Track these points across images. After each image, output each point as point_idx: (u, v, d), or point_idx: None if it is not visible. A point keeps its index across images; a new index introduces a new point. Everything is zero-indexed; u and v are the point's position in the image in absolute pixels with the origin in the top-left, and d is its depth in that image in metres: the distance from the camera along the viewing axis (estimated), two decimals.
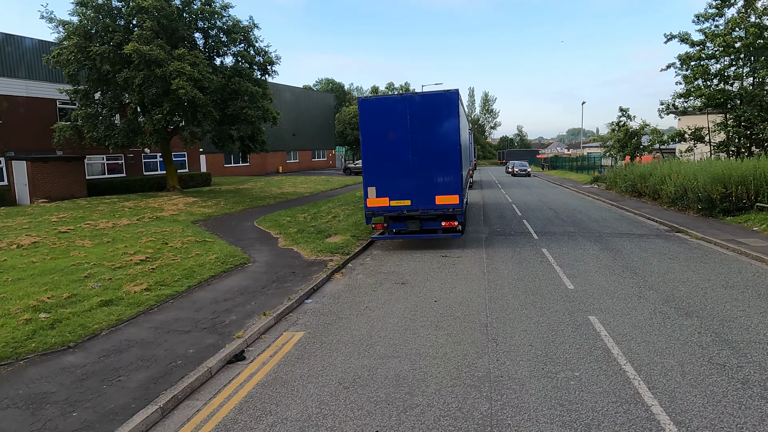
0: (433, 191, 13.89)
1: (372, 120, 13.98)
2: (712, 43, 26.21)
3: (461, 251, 14.07)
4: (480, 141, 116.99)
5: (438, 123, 13.67)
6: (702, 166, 21.34)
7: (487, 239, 15.82)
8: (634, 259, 12.50)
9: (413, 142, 13.81)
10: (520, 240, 15.49)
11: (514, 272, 11.38)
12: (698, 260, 12.26)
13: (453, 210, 13.87)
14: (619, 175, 30.75)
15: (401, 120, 13.79)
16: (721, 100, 24.97)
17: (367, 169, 14.22)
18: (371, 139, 14.06)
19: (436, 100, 13.63)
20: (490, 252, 13.79)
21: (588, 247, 14.17)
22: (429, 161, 13.82)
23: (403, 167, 13.95)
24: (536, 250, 13.79)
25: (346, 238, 15.58)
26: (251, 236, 16.21)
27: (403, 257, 13.60)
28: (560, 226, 18.07)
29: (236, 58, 25.28)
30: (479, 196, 31.02)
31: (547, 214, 21.72)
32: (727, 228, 16.42)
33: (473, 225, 19.02)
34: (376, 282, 11.01)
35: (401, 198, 14.06)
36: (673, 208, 21.70)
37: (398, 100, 13.79)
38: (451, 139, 13.68)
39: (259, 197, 27.38)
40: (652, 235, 16.07)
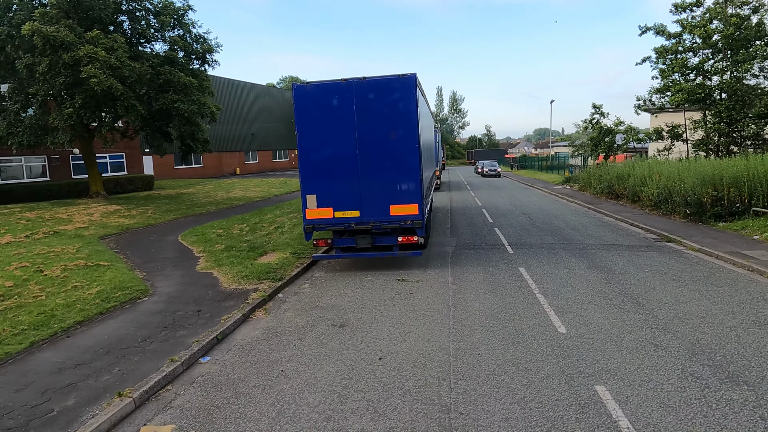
0: (387, 200, 11.28)
1: (310, 112, 11.26)
2: (691, 35, 24.59)
3: (422, 272, 11.50)
4: (448, 141, 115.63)
5: (392, 115, 11.06)
6: (687, 166, 19.48)
7: (454, 255, 13.31)
8: (631, 281, 10.20)
9: (362, 140, 11.17)
10: (493, 255, 13.05)
11: (488, 305, 8.86)
12: (707, 281, 10.05)
13: (412, 222, 11.29)
14: (594, 175, 28.94)
15: (346, 112, 11.13)
16: (702, 95, 23.33)
17: (305, 173, 11.49)
18: (309, 135, 11.34)
19: (389, 87, 11.01)
20: (457, 273, 11.27)
21: (573, 264, 11.84)
22: (381, 163, 11.19)
23: (350, 170, 11.28)
24: (512, 270, 11.35)
25: (285, 257, 12.80)
26: (166, 256, 13.23)
27: (349, 282, 10.93)
28: (537, 236, 15.76)
29: (169, 45, 22.01)
30: (447, 200, 28.67)
31: (520, 220, 19.45)
32: (724, 236, 14.43)
33: (439, 235, 16.52)
34: (307, 323, 8.30)
35: (348, 208, 11.40)
36: (656, 212, 19.79)
37: (342, 87, 11.11)
38: (408, 135, 11.09)
39: (199, 204, 24.21)
40: (642, 247, 13.91)
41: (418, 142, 11.13)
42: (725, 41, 23.00)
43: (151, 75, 20.09)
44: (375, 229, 11.49)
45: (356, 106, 11.08)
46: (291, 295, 10.16)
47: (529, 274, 10.96)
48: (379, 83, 11.04)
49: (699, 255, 12.70)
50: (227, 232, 16.04)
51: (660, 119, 27.30)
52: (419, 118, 11.30)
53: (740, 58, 22.79)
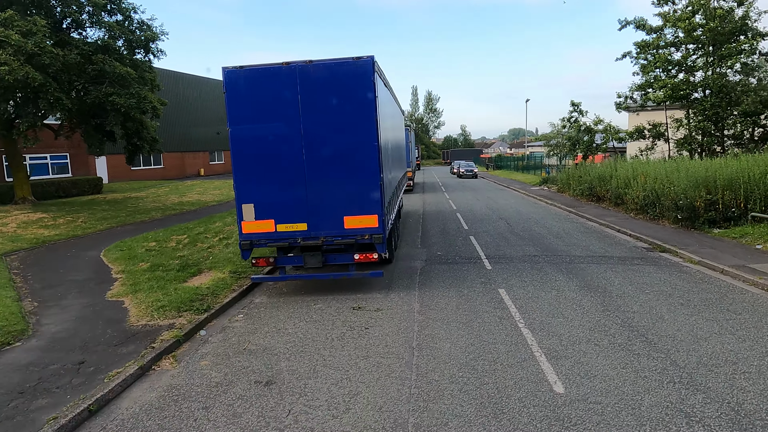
0: (341, 210, 9.30)
1: (245, 102, 9.19)
2: (673, 29, 23.34)
3: (384, 296, 9.55)
4: (424, 140, 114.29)
5: (345, 107, 9.08)
6: (676, 166, 18.08)
7: (424, 272, 11.41)
8: (633, 306, 8.47)
9: (308, 137, 9.16)
10: (468, 272, 11.19)
11: (461, 346, 6.97)
12: (721, 307, 8.38)
13: (371, 237, 9.33)
14: (573, 176, 27.54)
15: (289, 102, 9.10)
16: (686, 92, 22.07)
17: (240, 177, 9.42)
18: (244, 131, 9.27)
19: (341, 73, 9.03)
20: (425, 298, 9.36)
21: (561, 283, 10.07)
22: (333, 165, 9.21)
23: (295, 175, 9.26)
24: (491, 293, 9.50)
25: (221, 278, 10.69)
26: (76, 278, 10.95)
27: (294, 311, 8.90)
28: (518, 246, 14.00)
29: (105, 31, 19.46)
30: (420, 203, 26.84)
31: (498, 226, 17.71)
32: (723, 246, 12.94)
33: (408, 246, 14.61)
34: (224, 379, 6.25)
35: (293, 220, 9.37)
36: (642, 217, 18.33)
37: (284, 71, 9.07)
38: (365, 130, 9.13)
39: (144, 210, 21.74)
40: (636, 259, 12.28)
41: (377, 140, 9.17)
42: (709, 35, 21.78)
43: (81, 64, 17.58)
44: (326, 245, 9.50)
45: (301, 96, 9.07)
46: (217, 331, 8.07)
47: (511, 298, 9.12)
48: (329, 68, 9.03)
49: (701, 269, 11.11)
50: (161, 245, 13.77)
51: (641, 117, 26.06)
52: (379, 109, 9.36)
53: (725, 52, 21.60)
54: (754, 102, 20.51)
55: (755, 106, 20.57)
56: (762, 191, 14.56)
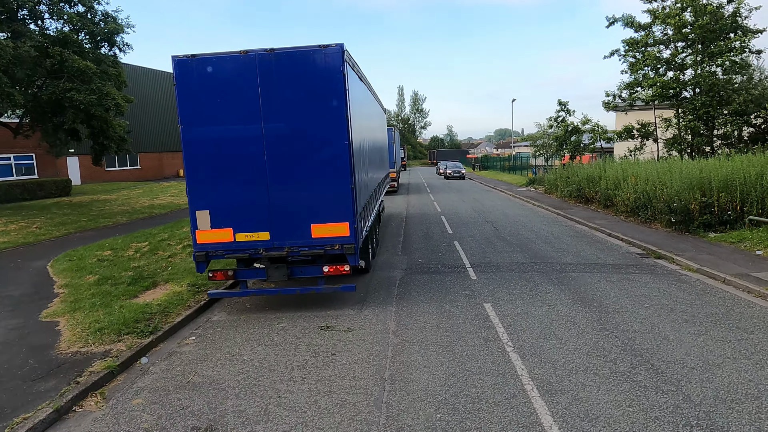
0: (308, 217, 8.28)
1: (199, 96, 8.13)
2: (662, 25, 22.71)
3: (357, 313, 8.56)
4: (410, 141, 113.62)
5: (312, 101, 8.07)
6: (668, 167, 17.37)
7: (403, 283, 10.43)
8: (633, 324, 7.59)
9: (271, 135, 8.14)
10: (452, 283, 10.25)
11: (440, 378, 6.00)
12: (729, 324, 7.54)
13: (341, 247, 8.33)
14: (561, 177, 26.83)
15: (249, 96, 8.06)
16: (676, 90, 21.44)
17: (193, 180, 8.36)
18: (198, 129, 8.21)
19: (307, 63, 8.01)
20: (403, 315, 8.38)
21: (552, 296, 9.17)
22: (298, 167, 8.19)
23: (255, 177, 8.23)
24: (476, 309, 8.55)
25: (178, 291, 9.60)
26: (11, 293, 9.76)
27: (254, 332, 7.86)
28: (505, 253, 13.10)
29: (65, 22, 18.14)
30: (403, 205, 25.89)
31: (484, 230, 16.82)
32: (721, 251, 12.19)
33: (387, 252, 13.63)
34: (154, 426, 5.20)
35: (254, 229, 8.32)
36: (632, 220, 17.60)
37: (242, 61, 8.03)
38: (334, 128, 8.12)
39: (110, 214, 20.44)
40: (630, 266, 11.46)
41: (348, 138, 8.16)
42: (699, 32, 21.17)
43: (36, 58, 16.29)
44: (292, 256, 8.47)
45: (262, 89, 8.03)
46: (161, 358, 7.00)
47: (498, 314, 8.18)
48: (293, 57, 8.00)
49: (701, 278, 10.31)
50: (117, 254, 12.59)
51: (630, 117, 25.44)
52: (351, 104, 8.36)
53: (715, 50, 21.01)
54: (745, 101, 19.94)
55: (746, 105, 20.01)
56: (759, 193, 13.87)
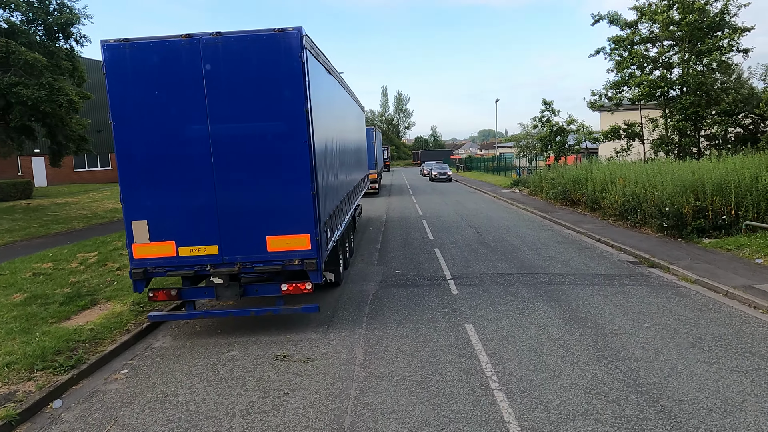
0: (262, 228, 7.17)
1: (133, 87, 6.97)
2: (649, 23, 22.07)
3: (321, 337, 7.47)
4: (394, 141, 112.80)
5: (265, 94, 6.96)
6: (658, 169, 16.62)
7: (376, 299, 9.36)
8: (634, 350, 6.64)
9: (218, 133, 7.01)
10: (430, 299, 9.21)
11: (412, 426, 4.95)
12: (742, 348, 6.65)
13: (302, 262, 7.23)
14: (546, 179, 26.07)
15: (192, 88, 6.93)
16: (664, 89, 20.78)
17: (127, 186, 7.18)
18: (133, 125, 7.04)
19: (259, 49, 6.90)
20: (373, 340, 7.31)
21: (542, 314, 8.19)
22: (251, 170, 7.08)
23: (201, 183, 7.09)
24: (456, 332, 7.52)
25: (117, 312, 8.40)
26: None
27: (197, 363, 6.72)
28: (488, 261, 12.13)
29: (12, 10, 16.65)
30: (384, 207, 24.85)
31: (467, 236, 15.85)
32: (718, 259, 11.39)
33: (363, 262, 12.56)
34: None
35: (200, 242, 7.19)
36: (621, 224, 16.81)
37: (183, 47, 6.89)
38: (291, 126, 7.03)
39: (66, 219, 18.99)
40: (624, 277, 10.57)
41: (309, 137, 7.07)
42: (687, 29, 20.53)
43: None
44: (244, 272, 7.34)
45: (207, 80, 6.90)
46: (80, 400, 5.82)
47: (481, 338, 7.17)
48: (243, 43, 6.89)
49: (701, 291, 9.45)
50: (58, 266, 11.28)
51: (616, 117, 24.78)
52: (313, 97, 7.28)
53: (703, 48, 20.40)
54: (735, 100, 19.35)
55: (736, 104, 19.42)
56: (755, 197, 13.15)
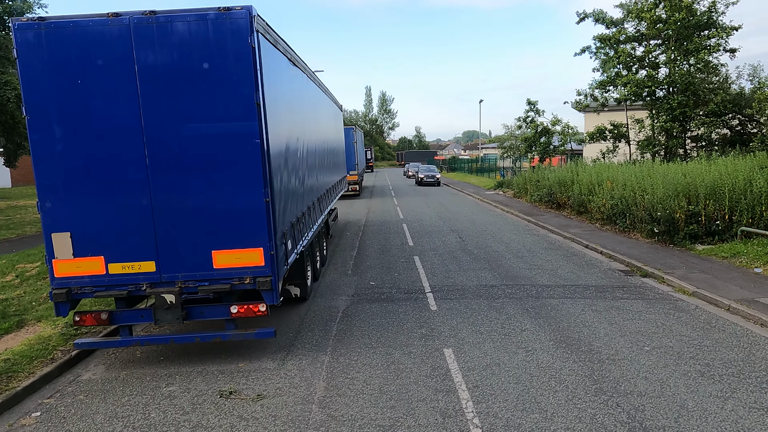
0: (207, 241, 6.14)
1: (51, 75, 5.88)
2: (636, 21, 21.49)
3: (278, 367, 6.46)
4: (378, 142, 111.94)
5: (208, 85, 5.93)
6: (648, 171, 15.96)
7: (346, 317, 8.37)
8: (636, 381, 5.77)
9: (154, 130, 5.97)
10: (406, 317, 8.25)
11: None
12: (757, 377, 5.84)
13: (254, 280, 6.21)
14: (530, 180, 25.39)
15: (122, 76, 5.87)
16: (651, 89, 20.20)
17: (46, 192, 6.08)
18: (51, 120, 5.95)
19: (201, 31, 5.86)
20: (337, 370, 6.33)
21: (530, 335, 7.30)
22: (193, 174, 6.05)
23: (134, 188, 6.04)
24: (434, 358, 6.58)
25: (46, 336, 7.29)
26: None
27: (127, 402, 5.66)
28: (471, 271, 11.24)
29: None
30: (364, 210, 23.87)
31: (449, 242, 14.96)
32: (715, 268, 10.66)
33: (336, 272, 11.56)
34: None
35: (134, 257, 6.13)
36: (609, 228, 16.10)
37: (111, 29, 5.82)
38: (240, 122, 6.00)
39: (18, 224, 17.60)
40: (617, 288, 9.77)
41: (261, 135, 6.05)
42: (674, 27, 19.97)
43: None
44: (187, 292, 6.30)
45: (140, 67, 5.85)
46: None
47: (462, 368, 6.23)
48: (181, 24, 5.84)
49: (701, 305, 8.68)
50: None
51: (601, 118, 24.22)
52: (269, 89, 6.27)
53: (691, 47, 19.86)
54: (723, 101, 18.84)
55: (724, 105, 18.91)
56: (749, 201, 12.51)
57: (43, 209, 6.05)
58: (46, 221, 6.06)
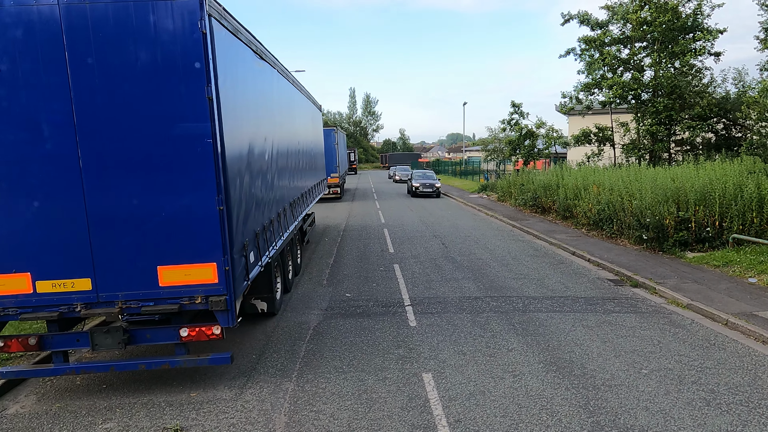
0: (152, 255, 5.35)
1: None
2: (621, 22, 21.17)
3: (235, 396, 5.69)
4: (362, 144, 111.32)
5: (155, 77, 5.15)
6: (636, 176, 15.54)
7: (317, 336, 7.62)
8: (636, 413, 5.17)
9: (88, 128, 5.17)
10: (382, 335, 7.55)
11: None
12: (766, 405, 5.27)
13: (206, 299, 5.44)
14: (514, 184, 24.93)
15: (50, 66, 5.07)
16: (637, 91, 19.87)
17: None
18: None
19: (144, 13, 5.08)
20: (302, 400, 5.59)
21: (517, 356, 6.66)
22: (134, 178, 5.26)
23: (64, 194, 5.23)
24: (411, 386, 5.88)
25: None
26: None
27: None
28: (454, 281, 10.59)
29: None
30: (345, 214, 23.12)
31: (431, 248, 14.31)
32: (708, 278, 10.19)
33: (310, 281, 10.81)
34: None
35: (65, 274, 5.32)
36: (596, 234, 15.64)
37: (37, 11, 5.01)
38: (190, 120, 5.23)
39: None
40: (607, 300, 9.21)
41: (215, 134, 5.29)
42: (660, 29, 19.68)
43: None
44: (130, 314, 5.50)
45: (72, 54, 5.06)
46: None
47: (442, 397, 5.54)
48: (121, 7, 5.05)
49: (697, 319, 8.15)
50: None
51: (586, 121, 23.87)
52: (226, 84, 5.52)
53: (677, 49, 19.59)
54: (709, 104, 18.58)
55: (710, 108, 18.65)
56: (739, 207, 12.12)
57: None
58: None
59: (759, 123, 15.55)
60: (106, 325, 5.73)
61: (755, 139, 15.22)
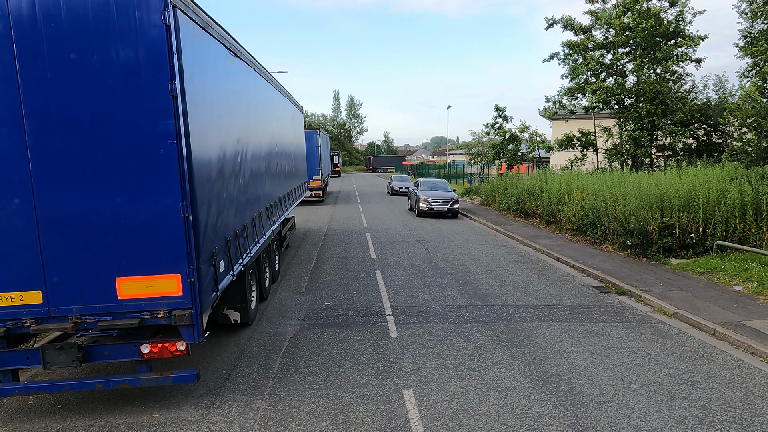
0: (110, 266, 4.92)
1: None
2: (605, 27, 21.22)
3: (201, 418, 5.28)
4: (347, 146, 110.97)
5: (114, 70, 4.73)
6: (620, 181, 15.47)
7: (292, 348, 7.23)
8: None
9: (38, 126, 4.72)
10: (362, 347, 7.19)
11: None
12: (759, 422, 5.06)
13: (169, 313, 5.02)
14: (498, 188, 24.83)
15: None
16: (620, 96, 19.90)
17: None
18: None
19: (100, 3, 4.66)
20: (273, 421, 5.20)
21: (502, 370, 6.37)
22: (91, 181, 4.83)
23: (12, 197, 4.77)
24: (390, 405, 5.53)
25: None
26: None
27: None
28: (437, 288, 10.29)
29: None
30: (327, 217, 22.69)
31: (414, 254, 14.00)
32: (693, 285, 10.07)
33: (288, 288, 10.40)
34: None
35: (13, 286, 4.87)
36: (579, 239, 15.53)
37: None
38: (151, 116, 4.82)
39: None
40: (593, 308, 9.00)
41: (179, 136, 4.88)
42: (643, 35, 19.75)
43: None
44: (85, 328, 5.05)
45: (21, 45, 4.63)
46: None
47: (424, 417, 5.21)
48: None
49: (684, 329, 7.98)
50: None
51: (570, 125, 23.89)
52: (188, 78, 5.11)
53: (659, 55, 19.68)
54: (691, 110, 18.68)
55: (692, 114, 18.76)
56: (723, 213, 12.07)
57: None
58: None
59: (740, 129, 15.63)
60: (59, 341, 5.27)
61: (737, 146, 15.28)
